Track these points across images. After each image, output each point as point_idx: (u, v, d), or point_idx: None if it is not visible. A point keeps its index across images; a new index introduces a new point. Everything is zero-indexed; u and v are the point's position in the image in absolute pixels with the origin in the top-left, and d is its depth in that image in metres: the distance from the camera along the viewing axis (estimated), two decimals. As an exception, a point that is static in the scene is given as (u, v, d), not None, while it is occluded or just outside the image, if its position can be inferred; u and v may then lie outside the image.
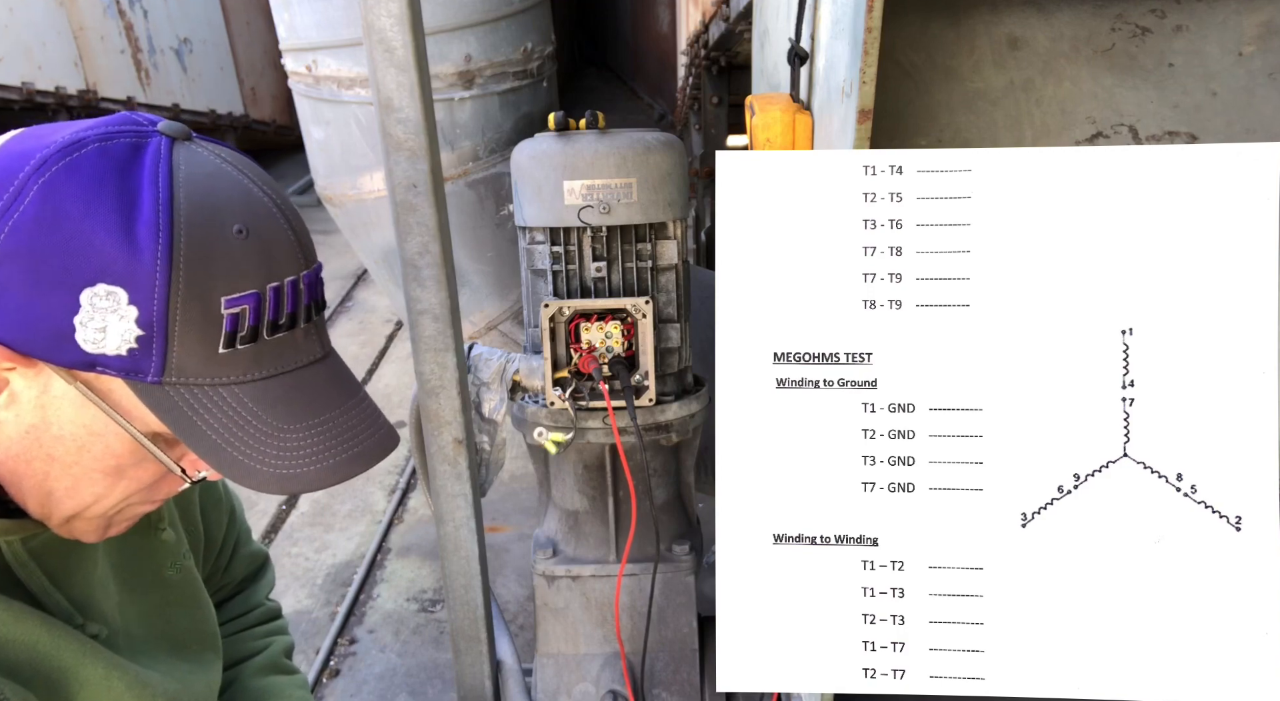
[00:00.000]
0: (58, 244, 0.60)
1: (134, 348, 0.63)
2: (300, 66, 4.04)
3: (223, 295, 0.65)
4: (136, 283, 0.62)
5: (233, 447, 0.68)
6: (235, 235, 0.65)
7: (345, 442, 0.73)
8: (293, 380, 0.71)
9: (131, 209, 0.62)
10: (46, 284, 0.61)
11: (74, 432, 0.67)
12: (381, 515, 3.86)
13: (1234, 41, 0.98)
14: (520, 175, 1.36)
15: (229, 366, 0.67)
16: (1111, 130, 0.96)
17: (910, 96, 0.99)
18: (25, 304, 0.61)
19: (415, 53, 1.19)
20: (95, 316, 0.62)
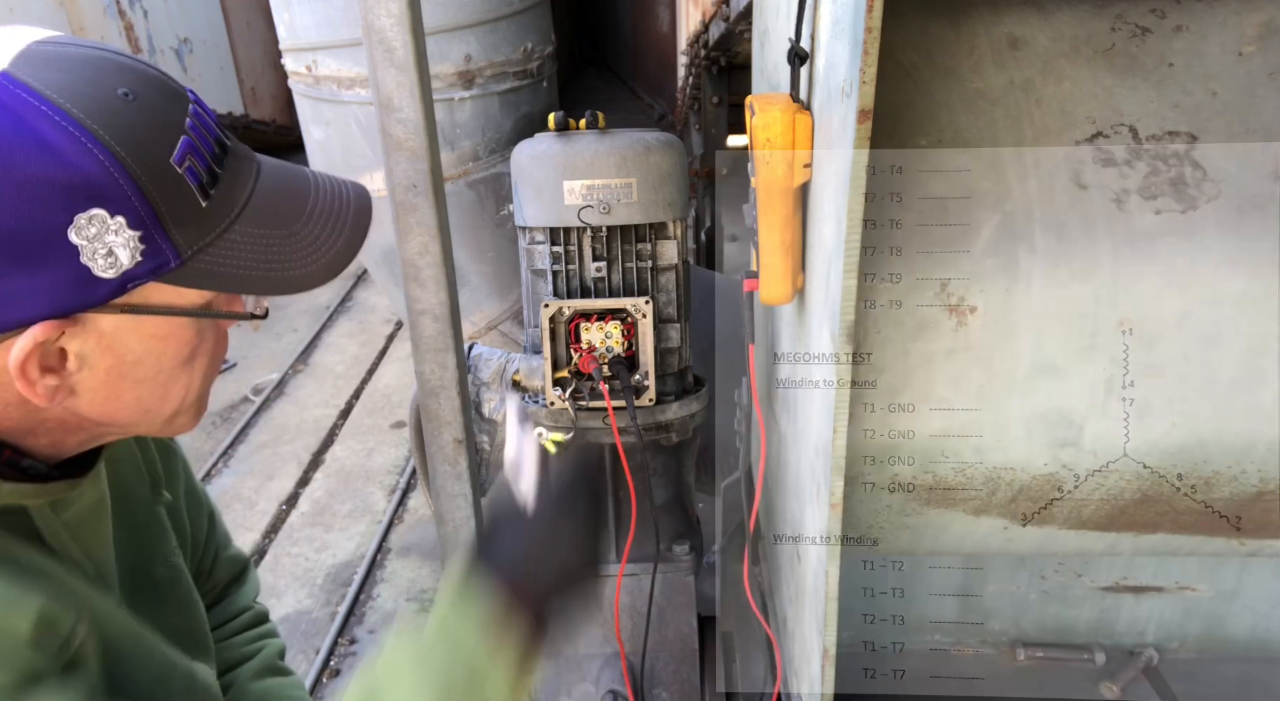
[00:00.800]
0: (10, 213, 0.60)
1: (144, 248, 0.65)
2: (300, 66, 4.04)
3: (167, 157, 0.65)
4: (102, 194, 0.62)
5: (271, 270, 0.72)
6: (126, 100, 0.65)
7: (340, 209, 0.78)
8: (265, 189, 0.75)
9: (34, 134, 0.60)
10: (32, 251, 0.61)
11: (146, 349, 0.70)
12: (381, 515, 3.86)
13: (1234, 41, 0.98)
14: (520, 175, 1.36)
15: (218, 212, 0.69)
16: (1111, 130, 0.96)
17: (910, 96, 0.99)
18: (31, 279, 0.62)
19: (415, 53, 1.19)
20: (95, 245, 0.63)
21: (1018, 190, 0.95)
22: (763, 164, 0.89)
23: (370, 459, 4.33)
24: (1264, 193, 0.93)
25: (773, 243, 0.96)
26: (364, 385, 5.03)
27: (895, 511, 1.09)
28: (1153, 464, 0.99)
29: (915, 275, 0.95)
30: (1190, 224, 0.93)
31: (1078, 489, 1.03)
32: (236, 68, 7.40)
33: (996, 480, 1.03)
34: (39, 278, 0.61)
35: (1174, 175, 0.94)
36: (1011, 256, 0.94)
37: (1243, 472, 0.99)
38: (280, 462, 4.28)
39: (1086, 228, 0.94)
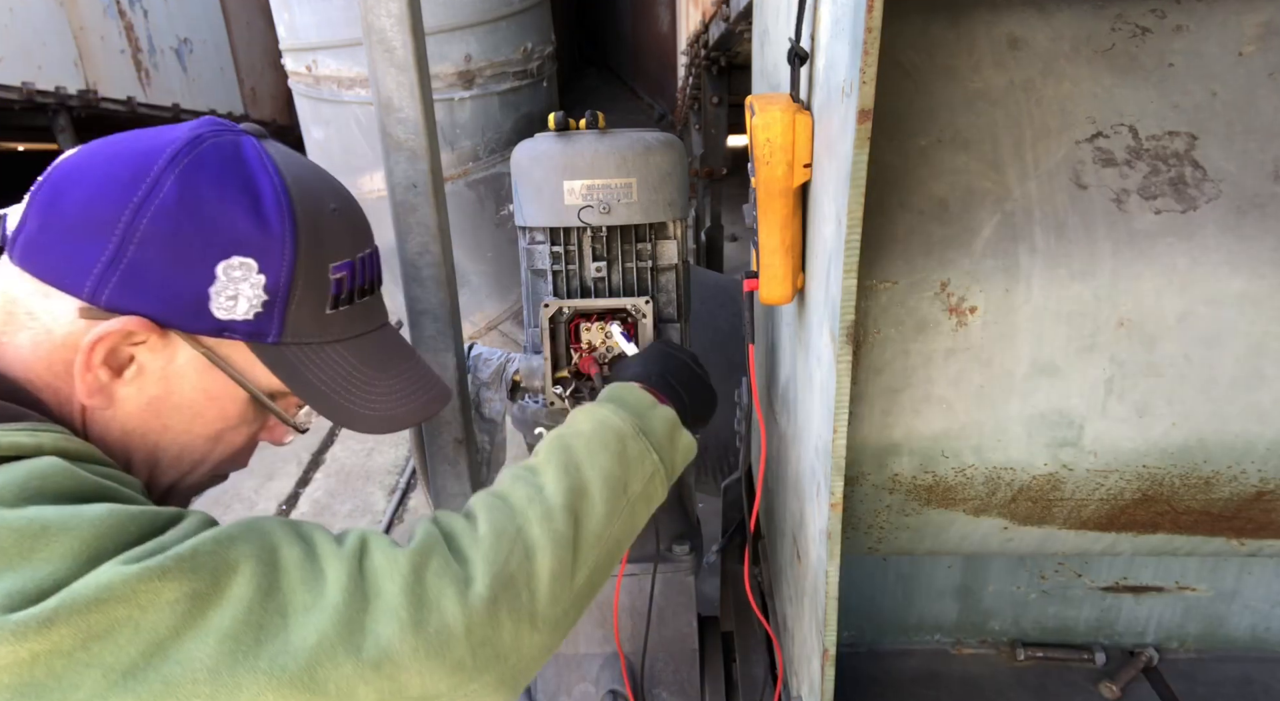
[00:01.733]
0: (197, 225, 0.68)
1: (260, 312, 0.72)
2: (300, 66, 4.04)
3: (330, 262, 0.75)
4: (266, 254, 0.71)
5: (340, 396, 0.78)
6: (332, 213, 0.76)
7: (423, 387, 0.86)
8: (379, 336, 0.84)
9: (255, 192, 0.71)
10: (186, 260, 0.69)
11: (193, 399, 0.74)
12: (381, 515, 3.86)
13: (1234, 41, 0.98)
14: (520, 175, 1.36)
15: (333, 326, 0.78)
16: (1111, 130, 0.96)
17: (910, 96, 0.99)
18: (164, 280, 0.68)
19: (415, 53, 1.19)
20: (229, 286, 0.70)
21: (1018, 190, 0.95)
22: (763, 164, 0.89)
23: (370, 459, 4.33)
24: (1264, 193, 0.93)
25: (773, 243, 0.96)
26: (364, 385, 5.03)
27: (895, 511, 1.10)
28: (1153, 464, 0.99)
29: (915, 275, 0.95)
30: (1190, 224, 0.93)
31: (1078, 489, 1.03)
32: (236, 68, 7.40)
33: (996, 480, 1.03)
34: (171, 282, 0.68)
35: (1174, 175, 0.94)
36: (1011, 256, 0.94)
37: (1243, 472, 0.99)
38: (280, 462, 4.28)
39: (1086, 228, 0.94)
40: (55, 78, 4.89)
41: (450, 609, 0.67)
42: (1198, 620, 1.62)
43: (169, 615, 0.57)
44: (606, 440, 0.88)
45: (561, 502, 0.79)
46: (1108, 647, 1.63)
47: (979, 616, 1.66)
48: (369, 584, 0.66)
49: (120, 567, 0.57)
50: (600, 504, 0.82)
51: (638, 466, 0.88)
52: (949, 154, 0.97)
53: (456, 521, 0.76)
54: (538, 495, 0.79)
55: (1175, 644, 1.64)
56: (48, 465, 0.62)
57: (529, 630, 0.72)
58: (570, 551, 0.77)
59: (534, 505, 0.78)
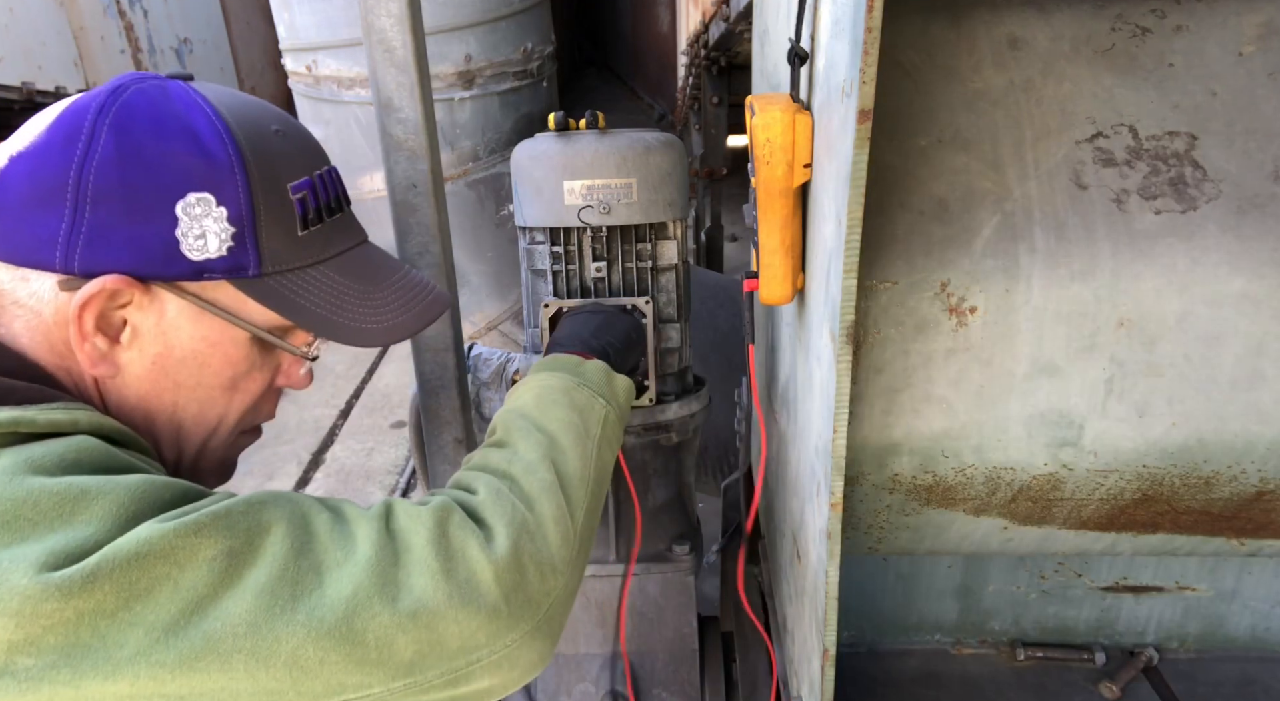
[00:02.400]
0: (143, 171, 0.67)
1: (231, 245, 0.70)
2: (300, 66, 4.04)
3: (287, 182, 0.73)
4: (220, 184, 0.69)
5: (336, 315, 0.77)
6: (276, 134, 0.74)
7: (419, 295, 0.85)
8: (360, 253, 0.82)
9: (191, 126, 0.69)
10: (143, 209, 0.68)
11: (194, 349, 0.73)
12: (381, 515, 3.85)
13: (1234, 41, 0.98)
14: (520, 175, 1.36)
15: (311, 247, 0.76)
16: (1111, 130, 0.96)
17: (910, 96, 0.99)
18: (129, 233, 0.67)
19: (415, 53, 1.19)
20: (193, 224, 0.69)
21: (1018, 190, 0.95)
22: (763, 164, 0.89)
23: (370, 459, 4.33)
24: (1264, 193, 0.93)
25: (773, 243, 0.96)
26: (364, 385, 5.03)
27: (895, 511, 1.09)
28: (1153, 464, 0.99)
29: (915, 275, 0.95)
30: (1190, 224, 0.93)
31: (1078, 489, 1.03)
32: (236, 68, 7.39)
33: (996, 480, 1.03)
34: (136, 232, 0.68)
35: (1174, 175, 0.94)
36: (1011, 256, 0.94)
37: (1243, 472, 0.99)
38: (280, 462, 4.28)
39: (1086, 228, 0.94)
40: (55, 78, 4.89)
41: (476, 558, 0.70)
42: (1198, 620, 1.62)
43: (206, 572, 0.59)
44: (553, 397, 0.92)
45: (537, 457, 0.83)
46: (1108, 647, 1.63)
47: (979, 616, 1.66)
48: (398, 540, 0.68)
49: (158, 525, 0.58)
50: (570, 449, 0.87)
51: (589, 411, 0.94)
52: (949, 154, 0.97)
53: (456, 492, 0.79)
54: (514, 456, 0.83)
55: (1175, 644, 1.64)
56: (84, 441, 0.63)
57: (551, 573, 0.75)
58: (561, 494, 0.81)
59: (514, 465, 0.82)
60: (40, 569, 0.54)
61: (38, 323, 0.69)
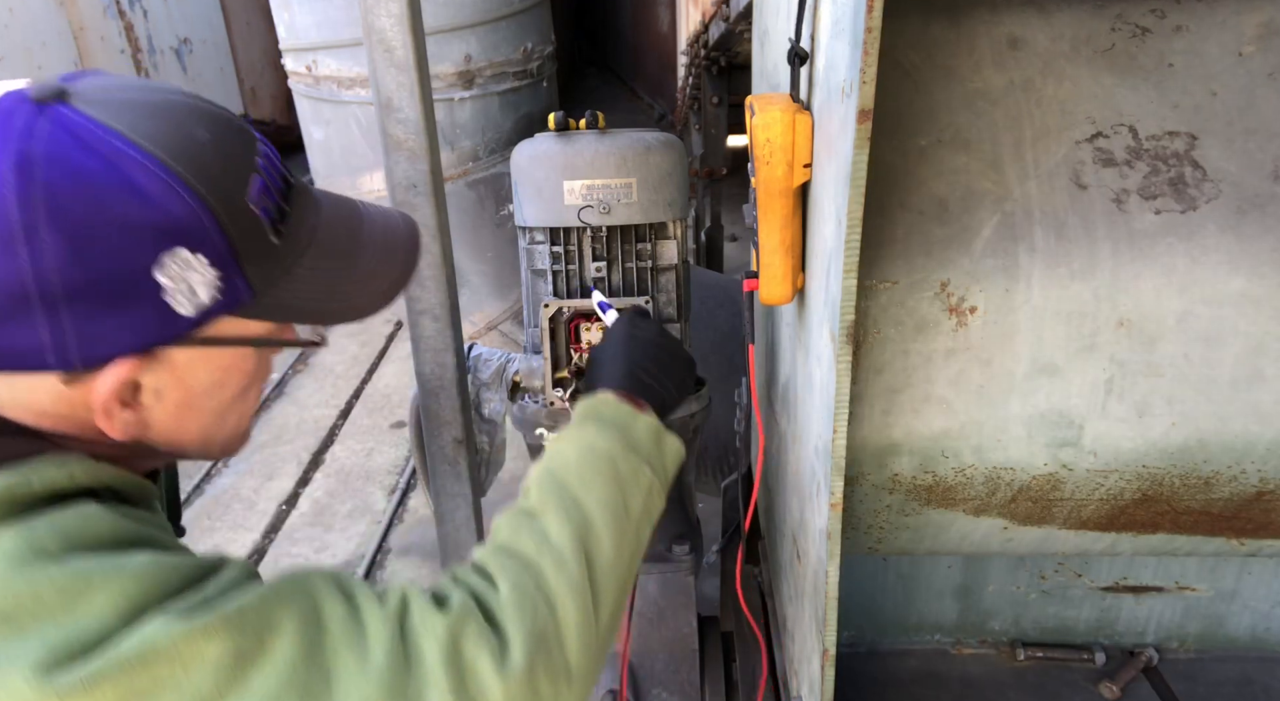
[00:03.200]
0: (106, 257, 0.62)
1: (221, 286, 0.67)
2: (300, 66, 4.04)
3: (243, 196, 0.68)
4: (188, 234, 0.64)
5: (335, 301, 0.76)
6: (208, 143, 0.67)
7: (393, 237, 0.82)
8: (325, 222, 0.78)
9: (129, 181, 0.62)
10: (123, 293, 0.63)
11: (214, 380, 0.72)
12: (381, 515, 3.85)
13: (1234, 41, 0.98)
14: (520, 175, 1.36)
15: (287, 248, 0.73)
16: (1111, 130, 0.96)
17: (910, 96, 0.99)
18: (120, 319, 0.63)
19: (415, 53, 1.19)
20: (178, 283, 0.65)
21: (1018, 190, 0.95)
22: (763, 164, 0.89)
23: (370, 459, 4.33)
24: (1264, 193, 0.93)
25: (773, 243, 0.96)
26: (364, 385, 5.03)
27: (895, 511, 1.09)
28: (1152, 464, 0.99)
29: (915, 275, 0.95)
30: (1190, 224, 0.93)
31: (1078, 489, 1.03)
32: (236, 68, 7.40)
33: (996, 480, 1.03)
34: (126, 316, 0.63)
35: (1174, 175, 0.94)
36: (1011, 256, 0.94)
37: (1243, 472, 0.99)
38: (280, 462, 4.28)
39: (1086, 228, 0.94)
40: (55, 78, 4.88)
41: (488, 676, 0.67)
42: (1198, 620, 1.62)
43: (212, 675, 0.57)
44: (597, 466, 0.86)
45: (570, 546, 0.77)
46: (1108, 647, 1.63)
47: (979, 616, 1.66)
48: (410, 647, 0.66)
49: (165, 625, 0.56)
50: (606, 535, 0.81)
51: (633, 485, 0.87)
52: (949, 154, 0.97)
53: (476, 581, 0.75)
54: (545, 543, 0.78)
55: (1175, 644, 1.64)
56: (85, 513, 0.61)
57: (565, 686, 0.71)
58: (589, 594, 0.76)
59: (544, 555, 0.76)
60: (41, 668, 0.53)
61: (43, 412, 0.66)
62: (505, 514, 0.84)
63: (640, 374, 1.03)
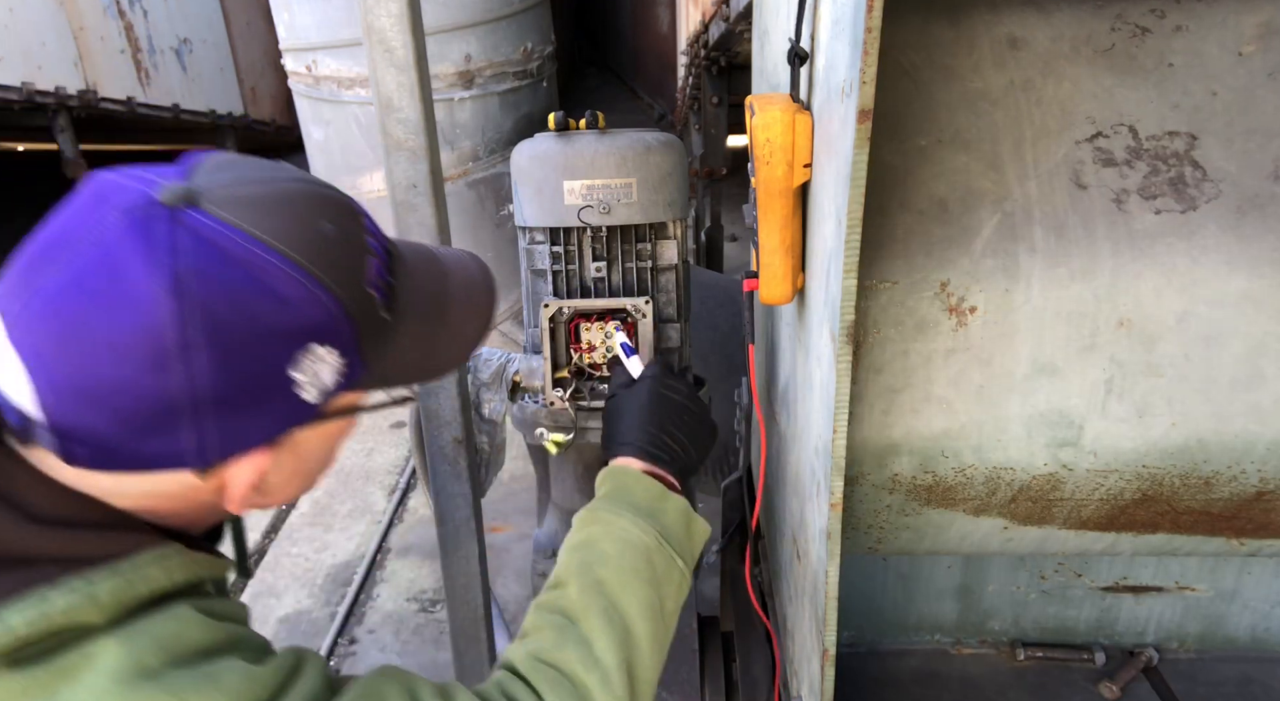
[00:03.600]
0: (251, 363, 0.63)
1: (344, 370, 0.69)
2: (300, 66, 4.04)
3: (363, 282, 0.70)
4: (322, 333, 0.66)
5: (429, 360, 0.79)
6: (332, 232, 0.69)
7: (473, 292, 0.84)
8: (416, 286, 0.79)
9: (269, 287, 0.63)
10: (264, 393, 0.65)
11: (325, 448, 0.76)
12: (381, 515, 3.85)
13: (1234, 41, 0.98)
14: (520, 175, 1.36)
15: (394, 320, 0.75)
16: (1111, 130, 0.96)
17: (910, 96, 0.99)
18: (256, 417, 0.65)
19: (415, 53, 1.19)
20: (310, 378, 0.66)
21: (1018, 190, 0.95)
22: (763, 164, 0.89)
23: (370, 459, 4.33)
24: (1264, 193, 0.93)
25: (773, 243, 0.96)
26: (364, 385, 5.02)
27: (895, 511, 1.09)
28: (1152, 464, 0.99)
29: (915, 275, 0.95)
30: (1190, 224, 0.93)
31: (1078, 489, 1.03)
32: (236, 68, 7.39)
33: (996, 480, 1.03)
34: (263, 414, 0.65)
35: (1174, 175, 0.94)
36: (1011, 256, 0.94)
37: (1243, 472, 0.99)
38: (280, 462, 4.28)
39: (1086, 228, 0.94)
40: (55, 78, 4.89)
41: None
42: (1198, 620, 1.62)
43: None
44: (636, 565, 0.89)
45: (614, 661, 0.81)
46: (1108, 647, 1.63)
47: (979, 616, 1.66)
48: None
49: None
50: (645, 642, 0.85)
51: (668, 581, 0.91)
52: (949, 154, 0.97)
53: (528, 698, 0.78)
54: (590, 658, 0.81)
55: (1175, 644, 1.64)
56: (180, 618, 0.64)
57: None
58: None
59: (591, 672, 0.80)
60: None
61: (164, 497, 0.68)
62: (542, 610, 0.87)
63: (668, 440, 1.05)
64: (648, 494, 0.96)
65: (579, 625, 0.83)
